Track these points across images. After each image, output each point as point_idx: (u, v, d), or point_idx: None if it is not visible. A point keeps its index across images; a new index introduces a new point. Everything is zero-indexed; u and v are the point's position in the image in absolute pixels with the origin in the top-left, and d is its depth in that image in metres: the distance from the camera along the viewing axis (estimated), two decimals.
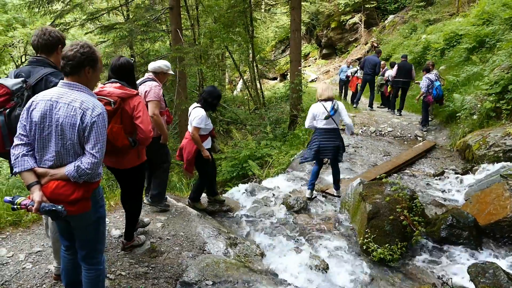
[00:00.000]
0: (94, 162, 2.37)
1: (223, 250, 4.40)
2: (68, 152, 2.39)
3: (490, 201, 4.89)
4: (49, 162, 2.40)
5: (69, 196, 2.35)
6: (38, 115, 2.36)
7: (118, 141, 3.17)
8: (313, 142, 5.86)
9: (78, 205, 2.40)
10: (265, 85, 24.90)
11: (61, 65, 2.42)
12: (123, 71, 3.56)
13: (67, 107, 2.35)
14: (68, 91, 2.40)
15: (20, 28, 25.00)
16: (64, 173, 2.35)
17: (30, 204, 2.28)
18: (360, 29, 26.15)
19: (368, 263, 4.45)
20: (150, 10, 12.93)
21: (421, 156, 8.37)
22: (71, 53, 2.37)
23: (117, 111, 3.20)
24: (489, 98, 8.08)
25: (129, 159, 3.50)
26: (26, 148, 2.39)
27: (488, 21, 12.44)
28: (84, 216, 2.51)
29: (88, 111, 2.36)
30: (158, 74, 4.56)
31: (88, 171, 2.35)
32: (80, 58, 2.39)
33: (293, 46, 12.88)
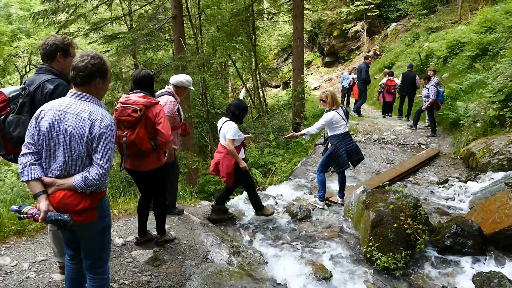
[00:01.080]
0: (102, 173, 2.37)
1: (226, 259, 4.38)
2: (76, 162, 2.39)
3: (494, 209, 4.86)
4: (56, 172, 2.40)
5: (75, 206, 2.35)
6: (46, 124, 2.36)
7: (142, 145, 3.52)
8: (340, 149, 5.83)
9: (85, 215, 2.40)
10: (267, 93, 24.98)
11: (72, 76, 2.43)
12: (144, 82, 3.86)
13: (76, 117, 2.36)
14: (77, 101, 2.41)
15: (24, 38, 25.25)
16: (71, 183, 2.35)
17: (37, 213, 2.29)
18: (363, 37, 26.25)
19: (371, 272, 4.42)
20: (153, 20, 13.04)
21: (425, 164, 8.34)
22: (82, 64, 2.37)
23: (142, 118, 3.53)
24: (492, 106, 8.06)
25: (150, 161, 3.77)
26: (34, 157, 2.40)
27: (491, 28, 12.44)
28: (90, 226, 2.50)
29: (96, 122, 2.36)
30: (178, 88, 4.71)
31: (96, 182, 2.36)
32: (91, 69, 2.39)
33: (295, 54, 12.95)
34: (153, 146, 3.63)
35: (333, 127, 5.84)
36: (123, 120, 3.58)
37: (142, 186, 4.07)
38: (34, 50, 14.01)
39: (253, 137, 13.35)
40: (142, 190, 4.10)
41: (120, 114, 3.60)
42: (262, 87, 19.19)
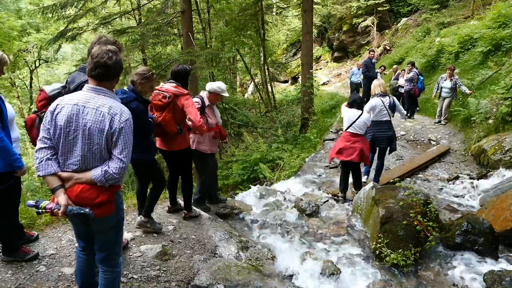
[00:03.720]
0: (122, 167, 2.39)
1: (235, 254, 4.38)
2: (95, 156, 2.39)
3: (506, 207, 4.80)
4: (73, 166, 2.41)
5: (94, 200, 2.36)
6: (64, 119, 2.35)
7: (168, 127, 4.13)
8: (367, 134, 6.21)
9: (103, 208, 2.42)
10: (276, 88, 24.91)
11: (97, 72, 2.39)
12: (179, 75, 4.42)
13: (96, 112, 2.35)
14: (95, 96, 2.40)
15: (34, 33, 25.41)
16: (90, 177, 2.36)
17: (56, 207, 2.29)
18: (373, 32, 26.01)
19: (381, 269, 4.39)
20: (161, 14, 13.01)
21: (435, 161, 8.25)
22: (111, 62, 2.37)
23: (170, 104, 4.14)
24: (505, 102, 7.93)
25: (176, 143, 4.35)
26: (50, 152, 2.39)
27: (505, 24, 12.23)
28: (107, 219, 2.52)
29: (116, 116, 2.37)
30: (211, 94, 5.05)
31: (115, 175, 2.38)
32: (116, 67, 2.41)
33: (304, 49, 12.86)
34: (178, 130, 4.21)
35: (372, 113, 6.22)
36: (154, 103, 4.18)
37: (169, 164, 4.67)
38: (43, 45, 14.05)
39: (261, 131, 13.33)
40: (169, 167, 4.70)
41: (153, 98, 4.20)
42: (271, 82, 19.13)
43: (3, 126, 3.09)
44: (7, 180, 3.19)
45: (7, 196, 3.23)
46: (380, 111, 6.18)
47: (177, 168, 4.62)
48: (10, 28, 21.91)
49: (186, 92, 4.25)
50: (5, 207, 3.32)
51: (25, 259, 3.46)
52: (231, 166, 10.38)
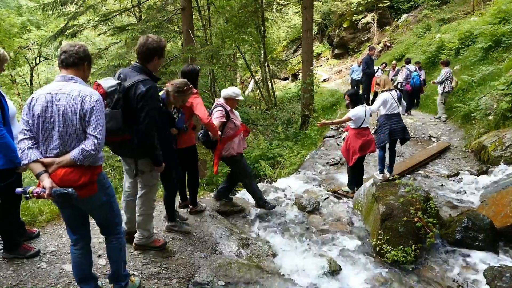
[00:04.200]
0: (97, 143, 2.55)
1: (235, 251, 4.39)
2: (71, 138, 2.56)
3: (506, 203, 4.80)
4: (54, 151, 2.57)
5: (77, 181, 2.53)
6: (40, 108, 2.53)
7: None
8: (383, 127, 6.55)
9: (86, 189, 2.59)
10: (276, 85, 24.88)
11: (62, 58, 2.62)
12: (188, 74, 4.57)
13: (67, 96, 2.54)
14: (66, 83, 2.60)
15: (34, 30, 25.38)
16: (70, 158, 2.52)
17: (42, 191, 2.44)
18: (373, 29, 25.95)
19: (381, 265, 4.40)
20: (162, 11, 13.00)
21: (435, 157, 8.26)
22: (74, 48, 2.62)
23: None
24: (505, 98, 7.92)
25: (183, 141, 4.47)
26: (30, 142, 2.56)
27: (505, 20, 12.20)
28: (94, 199, 2.70)
29: (86, 97, 2.55)
30: (227, 100, 5.17)
31: (92, 152, 2.54)
32: (82, 53, 2.65)
33: (305, 46, 12.85)
34: (184, 128, 4.30)
35: (384, 107, 6.50)
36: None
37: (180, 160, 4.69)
38: (44, 42, 14.04)
39: (262, 129, 13.33)
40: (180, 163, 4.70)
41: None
42: (271, 79, 19.11)
43: (4, 123, 3.11)
44: (8, 177, 3.21)
45: (8, 193, 3.24)
46: (391, 104, 6.49)
47: (184, 165, 4.74)
48: (10, 25, 21.91)
49: (194, 91, 4.39)
50: (6, 204, 3.34)
51: (26, 256, 3.48)
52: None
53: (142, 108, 3.22)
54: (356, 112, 5.97)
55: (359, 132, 6.07)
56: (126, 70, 3.45)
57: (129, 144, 3.37)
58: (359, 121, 6.00)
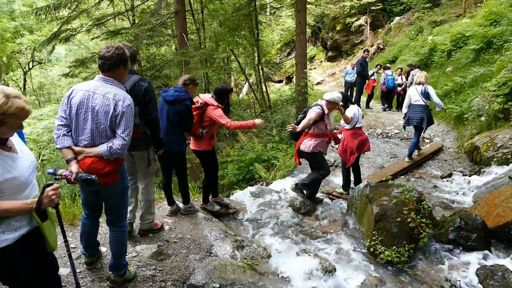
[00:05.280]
0: (124, 144, 2.85)
1: (230, 253, 4.40)
2: (101, 134, 2.86)
3: (498, 203, 4.85)
4: (84, 142, 2.87)
5: (102, 170, 2.82)
6: (77, 102, 2.83)
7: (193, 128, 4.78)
8: (405, 116, 7.80)
9: (109, 177, 2.89)
10: (270, 88, 24.91)
11: (99, 63, 2.88)
12: (217, 91, 5.09)
13: (103, 97, 2.81)
14: (104, 84, 2.87)
15: (27, 35, 25.26)
16: (98, 152, 2.82)
17: (69, 174, 2.73)
18: (366, 31, 26.09)
19: (375, 266, 4.43)
20: (155, 15, 12.99)
21: (428, 158, 8.32)
22: (109, 54, 2.84)
23: (200, 109, 4.89)
24: (497, 99, 8.00)
25: (200, 144, 5.06)
26: (65, 129, 2.89)
27: (496, 21, 12.33)
28: (114, 186, 3.01)
29: (120, 102, 2.82)
30: (330, 103, 5.60)
31: (119, 151, 2.84)
32: (116, 58, 2.85)
33: (298, 49, 12.88)
34: (201, 133, 4.92)
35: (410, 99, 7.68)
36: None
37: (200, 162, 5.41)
38: (37, 46, 13.98)
39: (256, 131, 13.36)
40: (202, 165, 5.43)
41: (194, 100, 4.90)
42: (265, 82, 19.11)
43: None
44: None
45: None
46: (415, 96, 7.51)
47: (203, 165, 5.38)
48: (3, 29, 21.81)
49: (216, 104, 4.91)
50: None
51: None
52: (226, 166, 10.38)
53: (150, 100, 3.72)
54: (354, 112, 6.15)
55: (355, 132, 6.20)
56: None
57: (144, 137, 3.85)
58: (354, 121, 6.16)
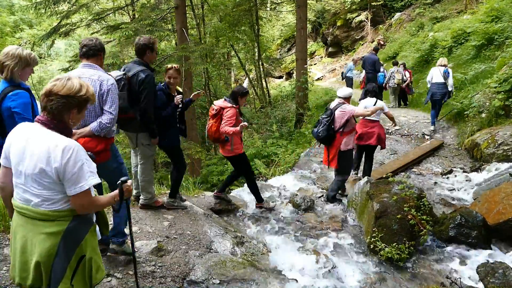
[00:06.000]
0: (111, 118, 3.24)
1: (230, 249, 4.39)
2: (90, 114, 3.24)
3: (499, 200, 4.84)
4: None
5: (94, 149, 3.08)
6: None
7: (215, 134, 5.07)
8: (429, 91, 9.40)
9: (102, 155, 3.18)
10: (271, 84, 24.87)
11: (84, 51, 3.33)
12: (232, 93, 5.21)
13: (89, 80, 3.19)
14: (89, 70, 3.31)
15: (27, 29, 25.18)
16: (89, 130, 3.15)
17: None
18: (367, 27, 26.00)
19: (375, 262, 4.42)
20: (155, 10, 12.94)
21: (429, 155, 8.31)
22: (92, 43, 3.33)
23: (218, 114, 5.06)
24: (498, 96, 7.98)
25: (226, 149, 5.27)
26: None
27: (497, 18, 12.27)
28: (107, 165, 3.29)
29: (104, 81, 3.26)
30: (347, 99, 5.85)
31: (108, 124, 3.21)
32: (99, 45, 3.37)
33: (299, 45, 12.85)
34: (225, 137, 5.08)
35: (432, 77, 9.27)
36: (209, 113, 5.21)
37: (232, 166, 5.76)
38: (36, 41, 13.92)
39: (256, 127, 13.33)
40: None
41: (210, 109, 5.23)
42: (265, 78, 19.10)
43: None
44: None
45: None
46: (437, 76, 9.07)
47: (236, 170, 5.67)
48: (2, 24, 21.74)
49: (229, 106, 5.05)
50: None
51: None
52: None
53: (143, 90, 4.07)
54: (366, 105, 6.48)
55: (364, 122, 6.49)
56: (129, 64, 4.30)
57: (133, 121, 4.22)
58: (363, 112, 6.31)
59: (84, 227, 2.20)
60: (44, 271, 2.09)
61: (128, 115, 4.12)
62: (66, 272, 2.10)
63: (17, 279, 2.17)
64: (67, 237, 2.11)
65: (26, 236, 2.11)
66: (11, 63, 3.10)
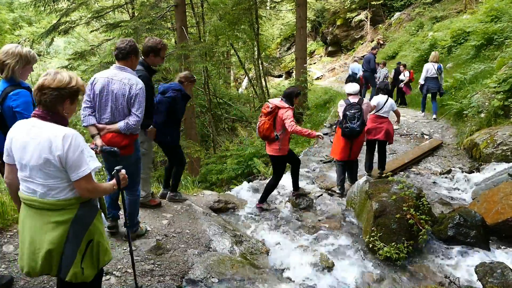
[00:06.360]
0: (137, 120, 3.53)
1: (229, 248, 4.39)
2: (120, 113, 3.54)
3: (498, 200, 4.84)
4: (106, 119, 3.56)
5: (120, 143, 3.46)
6: (99, 87, 3.51)
7: (266, 131, 5.26)
8: (425, 86, 10.40)
9: (127, 149, 3.54)
10: (270, 83, 24.85)
11: (115, 53, 3.57)
12: (287, 94, 5.38)
13: (120, 82, 3.48)
14: (120, 72, 3.54)
15: (26, 26, 25.13)
16: (117, 127, 3.49)
17: (95, 147, 3.33)
18: (366, 27, 25.99)
19: (374, 262, 4.43)
20: (155, 8, 12.90)
21: (428, 155, 8.31)
22: (123, 45, 3.55)
23: (272, 112, 5.25)
24: (497, 96, 7.98)
25: (273, 148, 5.41)
26: (90, 110, 3.57)
27: (497, 18, 12.27)
28: (130, 157, 3.63)
29: (133, 85, 3.49)
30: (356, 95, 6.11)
31: (133, 126, 3.52)
32: (129, 49, 3.56)
33: (298, 44, 12.86)
34: (276, 136, 5.27)
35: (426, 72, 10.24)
36: (262, 111, 5.40)
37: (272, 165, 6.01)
38: (36, 39, 13.88)
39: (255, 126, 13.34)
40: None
41: (263, 107, 5.43)
42: (265, 77, 19.08)
43: None
44: None
45: None
46: (432, 70, 10.08)
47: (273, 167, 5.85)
48: (2, 21, 21.68)
49: (286, 106, 5.24)
50: None
51: None
52: (225, 161, 10.38)
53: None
54: (378, 101, 6.66)
55: (373, 118, 6.69)
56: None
57: None
58: (378, 107, 6.65)
59: (91, 213, 2.34)
60: (54, 258, 2.21)
61: None
62: (76, 256, 2.23)
63: (25, 269, 2.27)
64: (76, 223, 2.24)
65: (34, 227, 2.21)
66: (12, 61, 3.07)
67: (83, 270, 2.27)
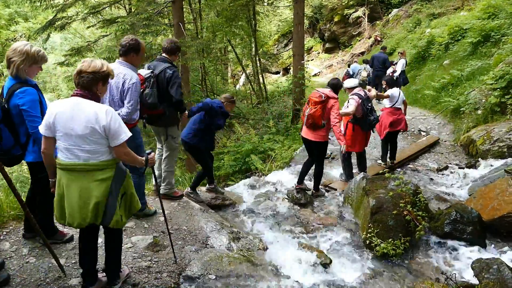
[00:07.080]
0: (128, 111, 3.84)
1: (226, 244, 4.39)
2: (115, 104, 3.89)
3: (494, 196, 4.86)
4: None
5: None
6: None
7: (316, 119, 5.45)
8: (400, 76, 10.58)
9: None
10: (267, 79, 24.80)
11: (118, 49, 3.94)
12: (334, 85, 5.68)
13: (116, 76, 3.66)
14: (119, 66, 3.86)
15: (22, 22, 24.96)
16: None
17: None
18: (364, 23, 25.98)
19: (371, 258, 4.44)
20: (152, 4, 12.83)
21: (425, 151, 8.32)
22: (125, 43, 3.90)
23: (323, 102, 5.44)
24: (494, 93, 8.00)
25: (318, 135, 5.61)
26: None
27: (494, 15, 12.29)
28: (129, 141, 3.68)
29: (127, 80, 3.82)
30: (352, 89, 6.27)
31: (124, 116, 3.77)
32: (129, 46, 3.88)
33: (296, 40, 12.79)
34: (322, 124, 5.48)
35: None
36: (312, 99, 5.53)
37: (309, 151, 6.04)
38: (32, 34, 13.81)
39: (253, 123, 13.30)
40: (309, 153, 6.07)
41: (312, 96, 5.58)
42: (262, 73, 19.03)
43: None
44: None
45: (46, 183, 3.17)
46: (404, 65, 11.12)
47: (314, 156, 5.93)
48: None
49: (336, 97, 5.53)
50: (44, 193, 3.31)
51: (63, 240, 3.73)
52: (222, 157, 10.36)
53: (173, 85, 4.44)
54: (393, 92, 6.96)
55: (391, 111, 6.95)
56: (154, 62, 4.63)
57: (162, 117, 4.58)
58: (393, 100, 6.94)
59: (123, 172, 2.91)
60: (100, 209, 2.72)
61: (158, 111, 4.49)
62: (116, 206, 2.81)
63: (76, 223, 2.74)
64: (116, 179, 2.81)
65: (81, 186, 2.70)
66: (18, 59, 3.07)
67: (121, 217, 2.86)
